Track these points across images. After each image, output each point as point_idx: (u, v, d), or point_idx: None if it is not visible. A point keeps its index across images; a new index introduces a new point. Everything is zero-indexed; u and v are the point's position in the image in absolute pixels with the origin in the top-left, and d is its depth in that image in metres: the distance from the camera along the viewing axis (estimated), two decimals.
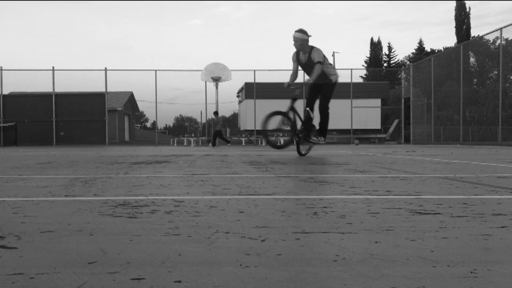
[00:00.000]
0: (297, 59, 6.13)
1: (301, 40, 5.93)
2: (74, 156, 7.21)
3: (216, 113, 17.78)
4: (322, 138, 6.28)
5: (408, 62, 46.22)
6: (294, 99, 6.11)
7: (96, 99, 20.33)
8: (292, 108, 6.07)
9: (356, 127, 23.02)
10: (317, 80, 5.84)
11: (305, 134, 6.21)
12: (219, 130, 17.46)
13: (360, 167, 4.07)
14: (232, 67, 29.99)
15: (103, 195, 2.16)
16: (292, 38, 5.97)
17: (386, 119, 31.24)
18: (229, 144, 17.71)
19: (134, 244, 1.17)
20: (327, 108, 6.16)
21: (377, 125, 27.91)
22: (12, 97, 21.43)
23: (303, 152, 6.36)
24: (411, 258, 1.02)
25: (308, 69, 6.07)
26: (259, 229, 1.35)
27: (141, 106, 44.18)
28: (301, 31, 5.96)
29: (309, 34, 5.98)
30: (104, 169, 4.02)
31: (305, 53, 6.01)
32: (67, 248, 1.13)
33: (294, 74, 6.17)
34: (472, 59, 18.08)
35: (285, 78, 6.03)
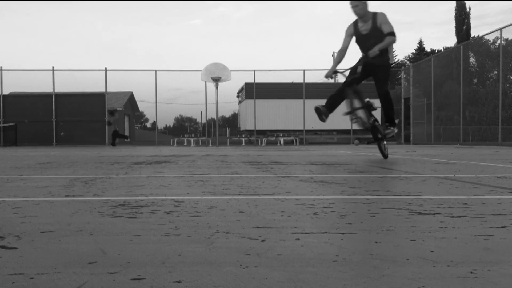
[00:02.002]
0: (354, 31, 4.98)
1: (361, 3, 4.81)
2: (74, 156, 7.21)
3: (112, 112, 17.82)
4: (394, 129, 5.17)
5: (408, 62, 46.20)
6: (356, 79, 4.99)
7: (96, 99, 20.31)
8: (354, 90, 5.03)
9: (356, 127, 22.99)
10: (375, 59, 4.80)
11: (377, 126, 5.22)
12: (116, 130, 17.61)
13: (360, 167, 4.07)
14: (232, 67, 30.00)
15: (103, 195, 2.16)
16: (350, 6, 4.85)
17: None
18: (127, 139, 17.82)
19: (134, 244, 1.17)
20: (389, 92, 5.06)
21: None
22: (12, 97, 21.42)
23: (385, 152, 5.37)
24: (411, 258, 1.02)
25: (370, 41, 4.85)
26: (259, 229, 1.35)
27: (141, 106, 44.19)
28: None
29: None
30: (104, 169, 4.02)
31: (367, 21, 4.87)
32: (67, 248, 1.13)
33: (344, 52, 5.05)
34: (472, 59, 18.07)
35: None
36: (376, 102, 5.20)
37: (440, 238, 1.23)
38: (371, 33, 4.84)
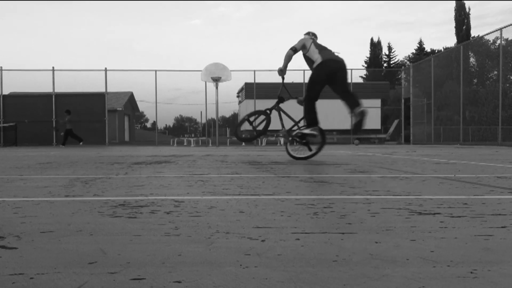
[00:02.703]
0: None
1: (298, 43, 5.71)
2: (74, 156, 7.21)
3: (68, 111, 17.45)
4: (309, 131, 5.37)
5: (408, 62, 46.22)
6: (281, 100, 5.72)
7: (96, 99, 20.32)
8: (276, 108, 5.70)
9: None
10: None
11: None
12: (70, 129, 17.33)
13: (360, 167, 4.07)
14: (232, 67, 30.00)
15: (103, 195, 2.17)
16: None
17: (386, 119, 31.26)
18: (81, 143, 17.22)
19: (134, 244, 1.17)
20: (306, 97, 5.39)
21: (377, 125, 27.92)
22: (12, 97, 21.43)
23: (294, 154, 5.58)
24: (411, 258, 1.02)
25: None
26: (259, 229, 1.35)
27: (141, 106, 44.21)
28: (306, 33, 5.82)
29: (308, 32, 5.81)
30: (104, 169, 4.02)
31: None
32: (67, 248, 1.13)
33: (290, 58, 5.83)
34: (472, 59, 18.08)
35: (285, 78, 5.80)
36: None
37: (440, 238, 1.23)
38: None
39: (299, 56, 5.75)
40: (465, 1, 37.21)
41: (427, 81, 19.22)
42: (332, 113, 24.44)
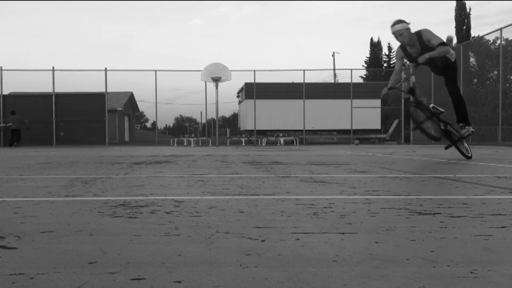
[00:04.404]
0: (404, 54, 5.21)
1: (405, 30, 4.91)
2: (74, 156, 7.21)
3: (13, 112, 17.96)
4: (470, 127, 5.37)
5: (408, 63, 46.16)
6: (412, 90, 5.38)
7: (96, 99, 20.30)
8: (419, 102, 5.37)
9: (356, 127, 23.05)
10: (439, 63, 5.03)
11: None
12: (17, 129, 17.64)
13: (360, 167, 4.07)
14: (232, 67, 29.96)
15: (103, 195, 2.17)
16: (393, 35, 4.99)
17: (386, 119, 31.25)
18: (14, 145, 17.55)
19: (134, 244, 1.17)
20: (459, 90, 5.39)
21: (377, 125, 27.91)
22: (12, 97, 21.42)
23: (467, 154, 5.46)
24: (411, 258, 1.02)
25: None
26: (259, 229, 1.35)
27: (141, 106, 44.25)
28: (399, 21, 4.97)
29: (407, 21, 5.00)
30: (104, 169, 4.02)
31: (414, 45, 5.00)
32: (67, 248, 1.13)
33: (399, 74, 5.41)
34: (472, 59, 18.07)
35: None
36: (443, 106, 5.67)
37: (440, 238, 1.23)
38: (423, 52, 4.92)
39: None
40: (465, 1, 37.11)
41: (427, 81, 19.22)
42: (333, 113, 24.45)
